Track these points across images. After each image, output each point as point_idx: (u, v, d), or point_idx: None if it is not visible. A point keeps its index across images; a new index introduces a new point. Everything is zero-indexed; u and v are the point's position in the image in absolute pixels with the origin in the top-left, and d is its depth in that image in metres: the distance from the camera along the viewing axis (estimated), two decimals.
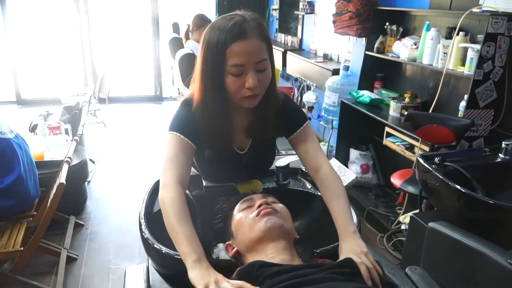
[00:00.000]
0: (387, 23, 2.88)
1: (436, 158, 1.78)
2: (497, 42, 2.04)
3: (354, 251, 0.98)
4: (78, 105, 3.52)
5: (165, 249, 0.97)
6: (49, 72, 6.58)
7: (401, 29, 2.83)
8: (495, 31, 2.02)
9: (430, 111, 2.45)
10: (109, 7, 6.26)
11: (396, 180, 2.34)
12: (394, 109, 2.71)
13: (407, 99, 2.66)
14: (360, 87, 3.13)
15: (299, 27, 4.59)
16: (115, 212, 3.05)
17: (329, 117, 3.43)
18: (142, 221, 1.07)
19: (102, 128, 4.73)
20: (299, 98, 4.33)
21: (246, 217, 1.03)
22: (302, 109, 1.88)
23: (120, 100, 6.01)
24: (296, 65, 4.24)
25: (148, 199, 1.20)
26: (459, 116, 2.23)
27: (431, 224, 1.55)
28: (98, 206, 3.13)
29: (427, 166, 1.77)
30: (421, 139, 2.36)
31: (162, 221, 1.02)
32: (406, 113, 2.40)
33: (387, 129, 2.70)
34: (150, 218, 1.10)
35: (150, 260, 1.06)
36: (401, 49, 2.71)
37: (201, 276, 0.87)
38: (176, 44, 4.46)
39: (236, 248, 1.04)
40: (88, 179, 3.40)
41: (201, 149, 1.20)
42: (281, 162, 1.33)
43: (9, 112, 5.37)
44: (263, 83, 1.09)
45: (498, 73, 2.10)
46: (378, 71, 3.09)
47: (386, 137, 2.74)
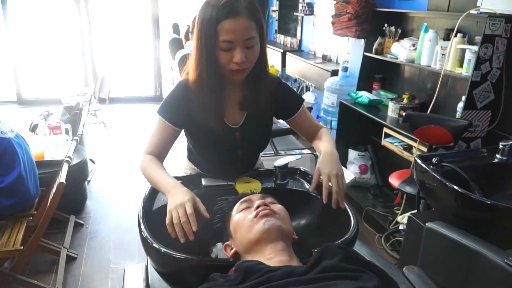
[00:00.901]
0: (386, 25, 2.89)
1: (434, 159, 1.79)
2: (495, 44, 2.05)
3: (329, 172, 1.10)
4: (79, 105, 3.53)
5: (164, 249, 0.98)
6: (50, 72, 6.58)
7: (400, 31, 2.85)
8: (493, 33, 2.03)
9: (428, 112, 2.46)
10: (110, 8, 6.27)
11: (394, 181, 2.35)
12: (393, 110, 2.72)
13: (405, 100, 2.67)
14: (359, 88, 3.14)
15: (299, 28, 4.59)
16: (115, 212, 3.07)
17: (328, 118, 3.44)
18: (141, 221, 1.08)
19: (102, 128, 4.74)
20: None
21: (245, 218, 1.03)
22: (296, 91, 1.95)
23: (120, 100, 6.02)
24: (295, 66, 4.25)
25: (147, 199, 1.20)
26: (457, 117, 2.24)
27: (429, 224, 1.56)
28: (98, 206, 3.15)
29: (425, 167, 1.78)
30: (419, 140, 2.37)
31: (162, 221, 1.02)
32: (404, 114, 2.42)
33: (386, 130, 2.71)
34: (149, 218, 1.11)
35: (149, 259, 1.07)
36: (400, 50, 2.72)
37: (182, 195, 1.03)
38: (176, 45, 4.48)
39: (235, 249, 1.04)
40: (88, 179, 3.42)
41: (193, 128, 1.30)
42: (280, 162, 1.32)
43: (10, 112, 5.38)
44: (251, 59, 1.17)
45: (496, 75, 2.11)
46: (377, 72, 3.11)
47: (385, 138, 2.76)
